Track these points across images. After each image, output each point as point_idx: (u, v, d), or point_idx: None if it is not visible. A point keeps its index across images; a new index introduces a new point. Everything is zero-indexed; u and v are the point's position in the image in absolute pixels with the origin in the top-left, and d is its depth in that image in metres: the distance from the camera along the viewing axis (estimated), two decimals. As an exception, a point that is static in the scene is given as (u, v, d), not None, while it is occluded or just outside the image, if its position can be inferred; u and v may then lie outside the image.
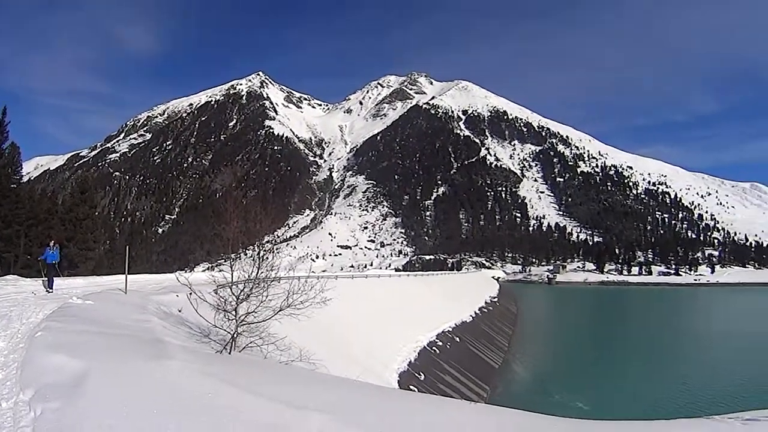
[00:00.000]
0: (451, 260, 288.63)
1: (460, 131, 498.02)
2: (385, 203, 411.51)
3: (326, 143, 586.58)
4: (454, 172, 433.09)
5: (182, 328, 15.39)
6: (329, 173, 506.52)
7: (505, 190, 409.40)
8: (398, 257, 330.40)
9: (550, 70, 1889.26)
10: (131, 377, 8.33)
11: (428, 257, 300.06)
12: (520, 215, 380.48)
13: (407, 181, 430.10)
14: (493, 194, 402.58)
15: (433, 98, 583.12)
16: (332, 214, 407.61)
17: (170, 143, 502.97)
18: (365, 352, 28.73)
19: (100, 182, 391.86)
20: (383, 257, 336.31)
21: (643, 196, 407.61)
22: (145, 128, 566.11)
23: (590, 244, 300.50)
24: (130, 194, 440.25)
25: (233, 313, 13.67)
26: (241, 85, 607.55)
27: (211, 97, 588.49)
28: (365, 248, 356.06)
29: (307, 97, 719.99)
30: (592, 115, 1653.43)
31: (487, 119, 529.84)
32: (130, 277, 22.95)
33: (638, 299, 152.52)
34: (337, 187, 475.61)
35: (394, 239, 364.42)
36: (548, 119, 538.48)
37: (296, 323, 14.34)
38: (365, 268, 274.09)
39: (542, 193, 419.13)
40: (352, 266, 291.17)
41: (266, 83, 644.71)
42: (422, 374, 32.37)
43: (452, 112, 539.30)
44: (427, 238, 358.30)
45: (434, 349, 39.54)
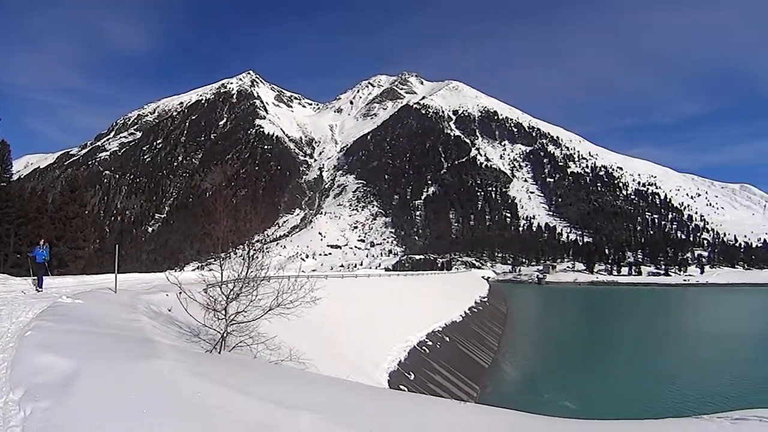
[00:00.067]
0: (441, 260, 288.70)
1: (450, 131, 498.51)
2: (375, 203, 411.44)
3: (316, 142, 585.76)
4: (444, 172, 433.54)
5: (172, 327, 15.36)
6: (319, 173, 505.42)
7: (495, 190, 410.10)
8: (388, 257, 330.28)
9: (540, 70, 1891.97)
10: (121, 377, 8.31)
11: (418, 257, 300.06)
12: (510, 215, 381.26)
13: (397, 180, 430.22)
14: (483, 194, 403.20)
15: (423, 98, 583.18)
16: (322, 213, 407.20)
17: (160, 142, 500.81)
18: (355, 351, 28.73)
19: (90, 181, 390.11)
20: (373, 257, 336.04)
21: (632, 196, 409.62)
22: (135, 127, 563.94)
23: (580, 244, 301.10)
24: (120, 193, 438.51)
25: (223, 312, 13.65)
26: (231, 83, 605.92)
27: (201, 95, 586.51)
28: (355, 248, 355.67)
29: (297, 96, 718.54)
30: (582, 115, 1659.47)
31: (477, 119, 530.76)
32: (119, 276, 22.91)
33: (628, 299, 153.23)
34: (327, 186, 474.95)
35: (384, 239, 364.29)
36: (538, 119, 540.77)
37: (286, 323, 14.33)
38: (355, 267, 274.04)
39: (532, 193, 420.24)
40: (342, 266, 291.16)
41: (257, 82, 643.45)
42: (412, 374, 32.39)
43: (443, 112, 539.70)
44: (417, 237, 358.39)
45: (424, 348, 39.57)
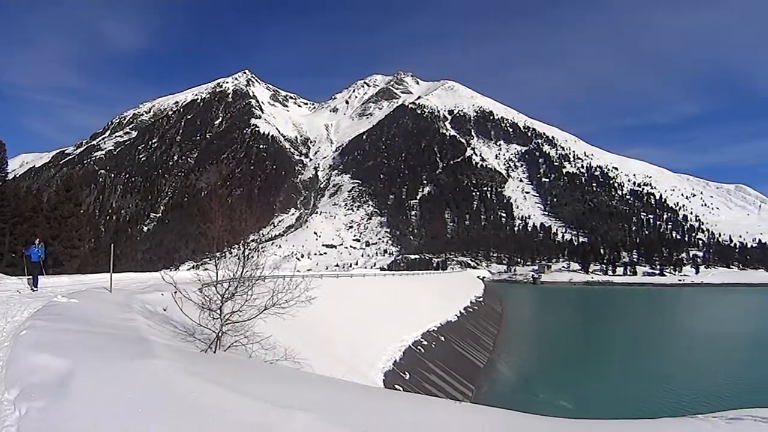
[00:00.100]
0: (436, 260, 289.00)
1: (445, 131, 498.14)
2: (370, 202, 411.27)
3: (312, 142, 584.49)
4: (439, 171, 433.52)
5: (167, 326, 15.36)
6: (315, 172, 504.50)
7: (490, 190, 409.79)
8: (383, 256, 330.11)
9: (536, 70, 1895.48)
10: (116, 376, 8.32)
11: (413, 257, 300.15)
12: (505, 215, 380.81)
13: (393, 180, 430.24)
14: (478, 194, 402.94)
15: (419, 98, 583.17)
16: (317, 213, 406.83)
17: (156, 141, 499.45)
18: (350, 351, 28.74)
19: (85, 180, 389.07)
20: (368, 256, 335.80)
21: (628, 196, 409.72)
22: (130, 126, 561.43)
23: (575, 244, 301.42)
24: (115, 192, 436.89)
25: (218, 312, 13.67)
26: (227, 83, 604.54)
27: (197, 95, 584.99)
28: (350, 247, 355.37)
29: (293, 95, 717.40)
30: (577, 115, 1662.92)
31: (473, 119, 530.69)
32: (115, 275, 22.87)
33: (623, 299, 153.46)
34: (322, 186, 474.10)
35: (379, 238, 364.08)
36: (534, 119, 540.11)
37: (281, 322, 14.34)
38: (350, 267, 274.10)
39: (527, 193, 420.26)
40: (337, 265, 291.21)
41: (252, 81, 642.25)
42: (407, 373, 32.42)
43: (438, 111, 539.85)
44: (412, 237, 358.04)
45: (419, 348, 39.60)
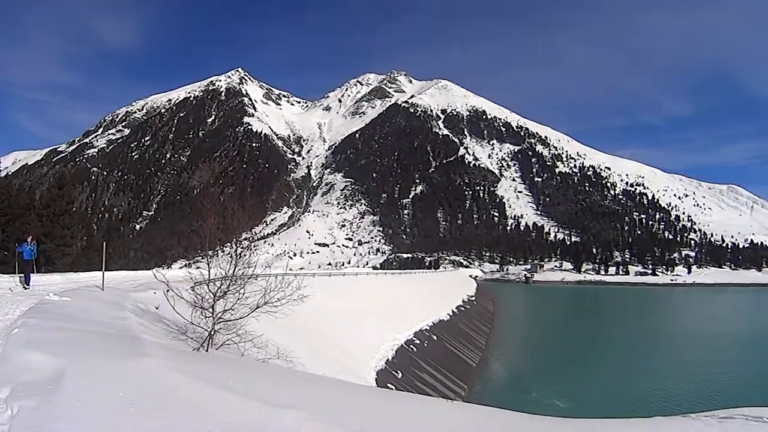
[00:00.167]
0: (428, 259, 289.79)
1: (438, 130, 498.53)
2: (363, 201, 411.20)
3: (305, 140, 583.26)
4: (432, 170, 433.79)
5: (159, 325, 15.35)
6: (307, 171, 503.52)
7: (483, 189, 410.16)
8: (376, 255, 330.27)
9: (529, 70, 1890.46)
10: (108, 375, 8.31)
11: (406, 256, 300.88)
12: (498, 214, 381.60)
13: (385, 179, 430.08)
14: (471, 193, 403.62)
15: (412, 97, 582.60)
16: (310, 211, 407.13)
17: (148, 139, 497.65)
18: (343, 350, 28.79)
19: (77, 177, 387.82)
20: (361, 255, 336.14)
21: (620, 196, 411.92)
22: (123, 123, 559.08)
23: (568, 243, 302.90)
24: (107, 190, 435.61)
25: (210, 310, 13.67)
26: (220, 81, 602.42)
27: (189, 93, 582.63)
28: (343, 246, 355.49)
29: (286, 94, 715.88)
30: (570, 115, 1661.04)
31: (465, 118, 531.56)
32: (107, 273, 22.86)
33: (615, 299, 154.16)
34: (315, 184, 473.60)
35: (371, 237, 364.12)
36: (527, 119, 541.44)
37: (273, 321, 14.37)
38: (343, 266, 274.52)
39: (520, 192, 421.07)
40: (329, 264, 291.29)
41: (245, 80, 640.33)
42: (400, 372, 32.48)
43: (431, 111, 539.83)
44: (404, 236, 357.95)
45: (412, 347, 39.70)
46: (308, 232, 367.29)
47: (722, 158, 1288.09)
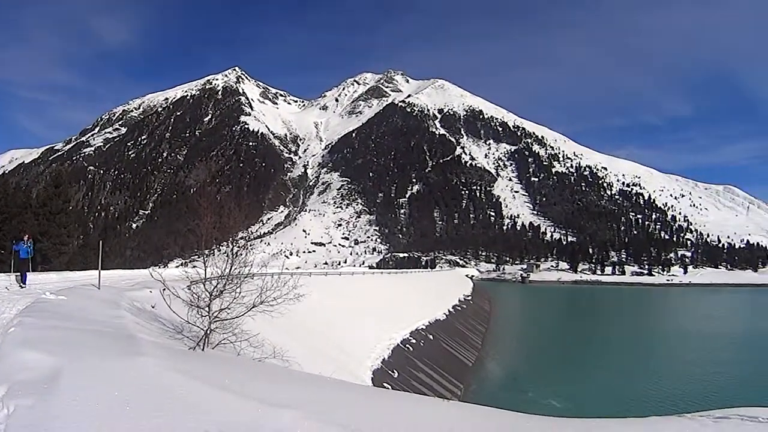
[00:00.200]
0: (425, 258, 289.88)
1: (435, 130, 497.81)
2: (359, 200, 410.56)
3: (301, 140, 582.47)
4: (428, 170, 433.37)
5: (155, 324, 15.35)
6: (304, 170, 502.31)
7: (479, 189, 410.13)
8: (372, 255, 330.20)
9: (526, 70, 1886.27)
10: (104, 374, 8.31)
11: (402, 255, 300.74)
12: (494, 214, 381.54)
13: (382, 178, 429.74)
14: (467, 193, 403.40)
15: (409, 96, 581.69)
16: (306, 210, 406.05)
17: (145, 138, 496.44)
18: (339, 349, 28.80)
19: (74, 176, 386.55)
20: (357, 254, 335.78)
21: (617, 196, 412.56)
22: (120, 122, 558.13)
23: (564, 243, 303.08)
24: (104, 189, 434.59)
25: (206, 309, 13.67)
26: (217, 80, 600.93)
27: (186, 91, 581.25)
28: (339, 245, 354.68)
29: (283, 93, 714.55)
30: (570, 115, 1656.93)
31: (462, 118, 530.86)
32: (103, 272, 22.81)
33: (611, 299, 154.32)
34: (311, 183, 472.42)
35: (368, 237, 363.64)
36: (523, 119, 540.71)
37: (270, 320, 14.37)
38: (339, 265, 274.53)
39: (517, 192, 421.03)
40: (326, 263, 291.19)
41: (242, 79, 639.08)
42: (396, 372, 32.50)
43: (428, 110, 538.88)
44: (401, 236, 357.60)
45: (408, 346, 39.72)
46: (304, 231, 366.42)
47: (722, 158, 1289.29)
